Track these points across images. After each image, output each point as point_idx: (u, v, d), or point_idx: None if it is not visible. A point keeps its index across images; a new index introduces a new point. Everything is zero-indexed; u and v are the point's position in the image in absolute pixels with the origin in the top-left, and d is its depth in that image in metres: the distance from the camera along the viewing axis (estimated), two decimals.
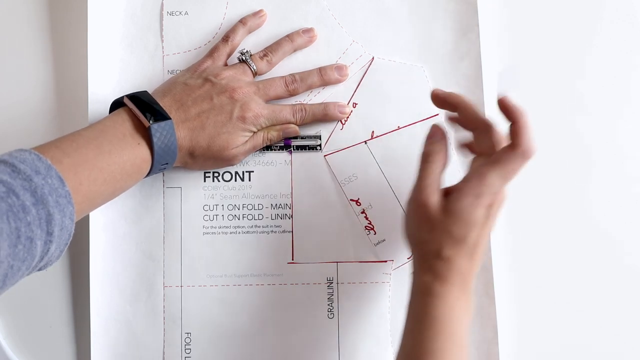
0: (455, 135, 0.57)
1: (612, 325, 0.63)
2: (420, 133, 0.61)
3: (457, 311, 0.51)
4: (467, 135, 0.56)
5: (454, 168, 0.60)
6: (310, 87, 0.63)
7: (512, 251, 0.63)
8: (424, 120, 0.63)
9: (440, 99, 0.55)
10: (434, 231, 0.52)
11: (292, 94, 0.62)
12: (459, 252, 0.52)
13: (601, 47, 0.65)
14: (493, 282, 0.61)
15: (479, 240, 0.52)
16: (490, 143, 0.53)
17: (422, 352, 0.50)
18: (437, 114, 0.63)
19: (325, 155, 0.63)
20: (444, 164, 0.55)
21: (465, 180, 0.52)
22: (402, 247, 0.62)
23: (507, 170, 0.51)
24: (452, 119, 0.57)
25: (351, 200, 0.62)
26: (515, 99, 0.52)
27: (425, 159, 0.55)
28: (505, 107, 0.52)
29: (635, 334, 0.63)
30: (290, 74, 0.62)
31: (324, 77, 0.63)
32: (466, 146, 0.57)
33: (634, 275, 0.63)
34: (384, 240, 0.62)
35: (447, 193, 0.53)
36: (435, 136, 0.56)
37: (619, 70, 0.65)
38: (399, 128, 0.63)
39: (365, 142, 0.63)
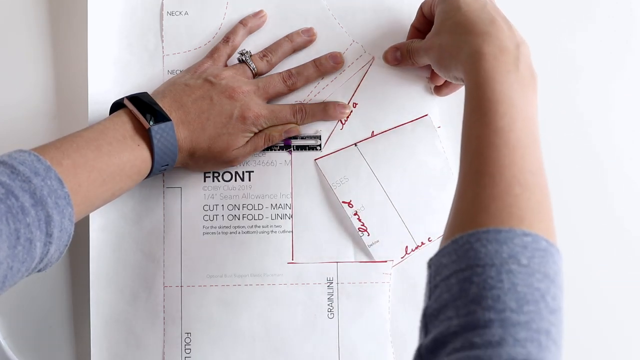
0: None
1: (613, 324, 0.63)
2: (410, 132, 0.62)
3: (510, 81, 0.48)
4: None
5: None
6: (308, 80, 0.62)
7: None
8: (412, 121, 0.63)
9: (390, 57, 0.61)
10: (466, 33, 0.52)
11: (291, 89, 0.62)
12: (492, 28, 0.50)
13: (601, 45, 0.65)
14: None
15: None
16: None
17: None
18: (426, 115, 0.63)
19: (315, 160, 0.63)
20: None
21: None
22: (395, 247, 0.62)
23: None
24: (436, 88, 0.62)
25: (343, 202, 0.62)
26: None
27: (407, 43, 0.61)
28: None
29: (635, 333, 0.63)
30: (287, 70, 0.62)
31: (320, 68, 0.63)
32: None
33: (634, 274, 0.64)
34: (378, 241, 0.62)
35: None
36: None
37: (620, 68, 0.65)
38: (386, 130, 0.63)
39: (356, 144, 0.63)
